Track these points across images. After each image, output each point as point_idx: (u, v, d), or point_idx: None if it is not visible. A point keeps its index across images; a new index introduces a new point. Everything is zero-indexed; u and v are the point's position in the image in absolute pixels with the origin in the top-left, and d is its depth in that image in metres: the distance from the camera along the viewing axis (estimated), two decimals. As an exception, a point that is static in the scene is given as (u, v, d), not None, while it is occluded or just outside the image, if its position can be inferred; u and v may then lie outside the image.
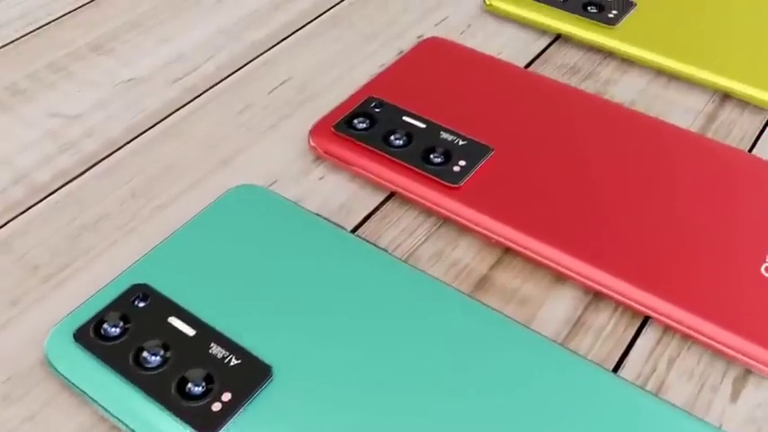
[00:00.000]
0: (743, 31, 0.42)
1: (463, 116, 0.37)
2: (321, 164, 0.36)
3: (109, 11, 0.45)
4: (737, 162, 0.35)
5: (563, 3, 0.44)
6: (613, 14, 0.43)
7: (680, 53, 0.41)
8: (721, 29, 0.42)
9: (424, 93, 0.38)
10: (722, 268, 0.30)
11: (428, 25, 0.45)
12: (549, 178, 0.34)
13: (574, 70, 0.41)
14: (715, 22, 0.42)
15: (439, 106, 0.37)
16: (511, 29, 0.44)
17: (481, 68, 0.40)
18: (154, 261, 0.30)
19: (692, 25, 0.42)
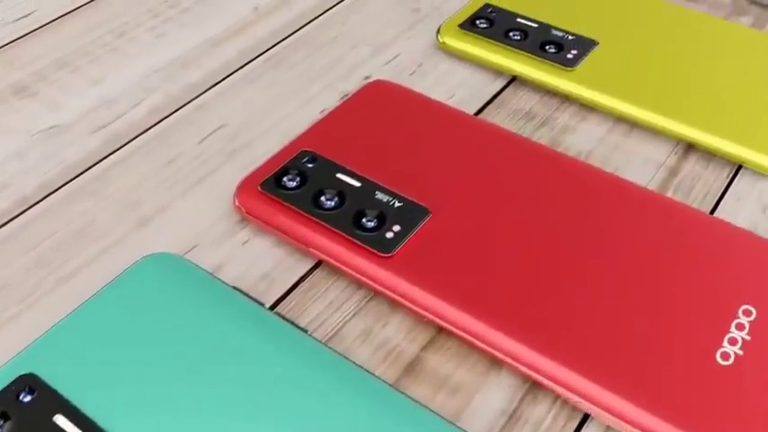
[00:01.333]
0: (710, 78, 0.39)
1: (403, 172, 0.34)
2: (246, 226, 0.33)
3: (37, 48, 0.42)
4: (698, 226, 0.32)
5: (520, 42, 0.41)
6: (572, 55, 0.40)
7: (642, 99, 0.38)
8: (688, 75, 0.39)
9: (364, 144, 0.35)
10: (675, 355, 0.27)
11: (377, 64, 0.42)
12: (491, 246, 0.31)
13: (529, 116, 0.39)
14: (681, 68, 0.39)
15: (378, 160, 0.34)
16: (465, 69, 0.41)
17: (428, 116, 0.37)
18: (45, 347, 0.27)
19: (657, 69, 0.39)
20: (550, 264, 0.30)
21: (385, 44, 0.43)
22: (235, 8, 0.45)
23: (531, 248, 0.31)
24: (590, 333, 0.28)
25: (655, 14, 0.43)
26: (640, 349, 0.27)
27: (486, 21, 0.42)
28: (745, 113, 0.37)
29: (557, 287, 0.29)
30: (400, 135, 0.36)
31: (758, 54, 0.40)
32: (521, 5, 0.43)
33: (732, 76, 0.39)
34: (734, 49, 0.41)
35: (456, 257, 0.30)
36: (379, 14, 0.45)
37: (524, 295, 0.29)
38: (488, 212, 0.32)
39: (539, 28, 0.42)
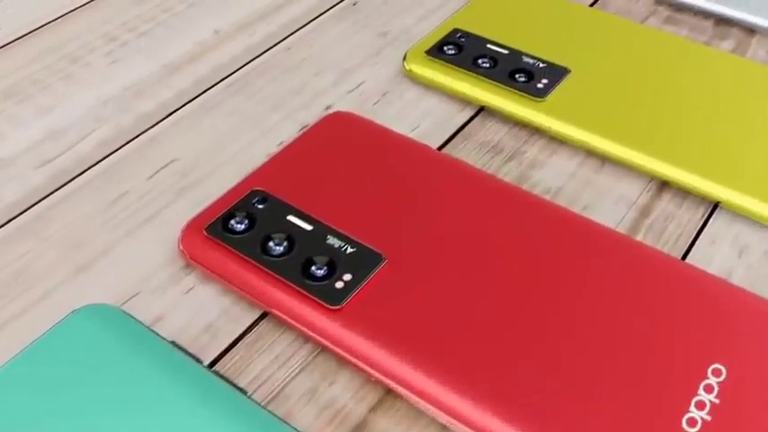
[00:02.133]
0: (687, 110, 0.37)
1: (359, 213, 0.32)
2: (192, 272, 0.31)
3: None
4: (668, 275, 0.30)
5: (488, 70, 0.39)
6: (543, 84, 0.38)
7: (615, 132, 0.36)
8: (664, 106, 0.37)
9: (319, 183, 0.33)
10: (638, 421, 0.26)
11: (341, 92, 0.40)
12: (450, 297, 0.29)
13: (497, 149, 0.37)
14: (657, 99, 0.38)
15: (333, 200, 0.32)
16: (432, 98, 0.40)
17: (388, 152, 0.35)
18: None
19: (632, 100, 0.37)
20: (513, 318, 0.28)
21: (350, 70, 0.41)
22: (195, 31, 0.44)
23: (493, 300, 0.29)
24: (552, 396, 0.26)
25: (632, 39, 0.41)
26: (602, 414, 0.26)
27: (454, 47, 0.40)
28: (723, 149, 0.35)
29: (518, 344, 0.28)
30: (358, 172, 0.34)
31: (740, 84, 0.38)
32: (491, 30, 0.41)
33: (711, 108, 0.37)
34: (714, 78, 0.39)
35: (410, 309, 0.29)
36: (346, 38, 0.43)
37: (484, 353, 0.27)
38: (447, 259, 0.30)
39: (509, 55, 0.40)
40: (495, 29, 0.42)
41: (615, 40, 0.41)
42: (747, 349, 0.27)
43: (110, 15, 0.45)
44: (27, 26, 0.44)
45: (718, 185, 0.34)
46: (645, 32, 0.42)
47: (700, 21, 0.45)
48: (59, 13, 0.45)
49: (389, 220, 0.32)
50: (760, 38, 0.43)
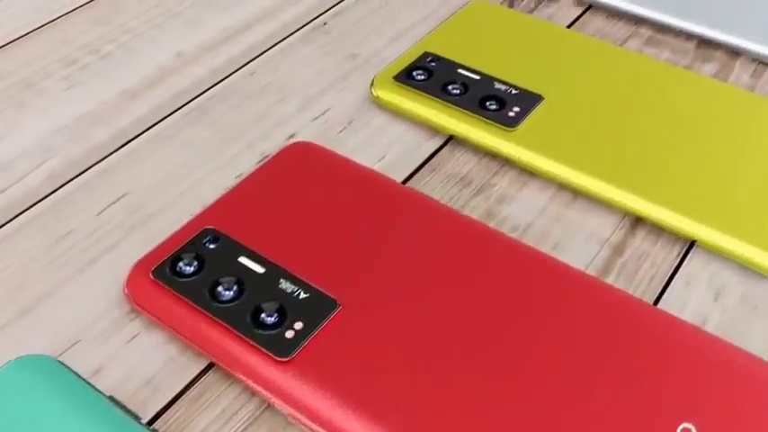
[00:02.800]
0: (664, 144, 0.35)
1: (316, 254, 0.30)
2: (137, 317, 0.30)
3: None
4: (639, 322, 0.28)
5: (458, 97, 0.37)
6: (514, 113, 0.36)
7: (588, 165, 0.34)
8: (640, 137, 0.36)
9: (275, 220, 0.32)
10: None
11: (305, 120, 0.38)
12: (407, 344, 0.27)
13: (465, 182, 0.35)
14: (634, 129, 0.36)
15: (289, 239, 0.31)
16: (400, 125, 0.38)
17: (350, 186, 0.33)
18: None
19: (607, 130, 0.36)
20: (476, 368, 0.27)
21: (315, 96, 0.40)
22: (157, 54, 0.42)
23: (455, 348, 0.27)
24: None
25: (610, 63, 0.40)
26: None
27: (423, 72, 0.39)
28: (702, 184, 0.33)
29: (481, 396, 0.26)
30: (317, 208, 0.32)
31: (721, 112, 0.37)
32: (463, 53, 0.40)
33: (690, 139, 0.35)
34: (695, 106, 0.37)
35: (365, 360, 0.27)
36: (314, 61, 0.42)
37: (444, 406, 0.26)
38: (407, 304, 0.29)
39: (480, 80, 0.38)
40: (467, 52, 0.40)
41: (592, 64, 0.40)
42: (720, 407, 0.26)
43: (73, 35, 0.43)
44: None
45: (696, 223, 0.32)
46: (623, 56, 0.40)
47: (681, 42, 0.43)
48: (18, 34, 0.43)
49: (347, 261, 0.30)
50: (743, 61, 0.42)
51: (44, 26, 0.44)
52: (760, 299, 0.30)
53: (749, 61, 0.42)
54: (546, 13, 0.45)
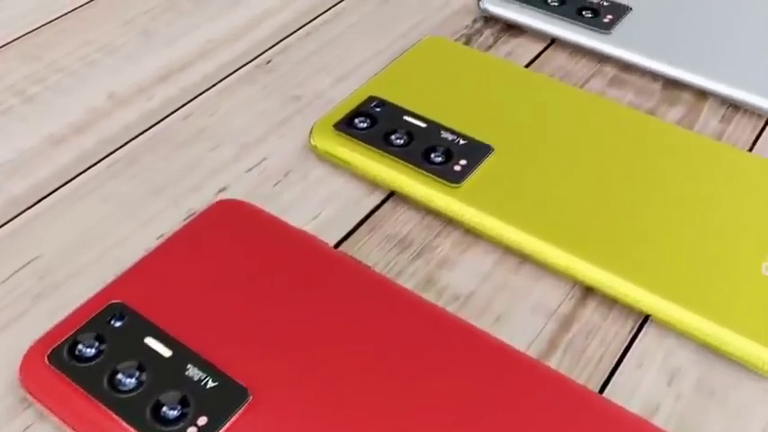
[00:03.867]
0: (622, 204, 0.33)
1: (231, 334, 0.28)
2: (30, 406, 0.27)
3: None
4: (584, 415, 0.26)
5: (402, 148, 0.35)
6: (461, 166, 0.34)
7: (537, 226, 0.32)
8: (596, 197, 0.33)
9: (190, 292, 0.29)
10: None
11: (239, 171, 0.36)
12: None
13: (405, 243, 0.32)
14: (589, 188, 0.33)
15: (204, 316, 0.28)
16: (339, 178, 0.35)
17: (279, 251, 0.31)
18: None
19: (560, 188, 0.33)
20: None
21: (252, 143, 0.37)
22: (88, 95, 0.39)
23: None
24: None
25: (568, 109, 0.37)
26: None
27: (366, 118, 0.36)
28: (660, 251, 0.31)
29: None
30: (238, 278, 0.30)
31: (687, 169, 0.34)
32: (411, 98, 0.37)
33: (651, 199, 0.33)
34: (657, 161, 0.34)
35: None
36: (254, 103, 0.39)
37: None
38: (328, 392, 0.26)
39: (427, 129, 0.35)
40: (416, 95, 0.37)
41: (548, 109, 0.37)
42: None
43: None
44: None
45: (651, 294, 0.29)
46: (583, 100, 0.37)
47: (647, 83, 0.40)
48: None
49: (266, 342, 0.28)
50: (712, 103, 0.39)
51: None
52: (717, 383, 0.28)
53: (718, 104, 0.39)
54: (505, 48, 0.43)
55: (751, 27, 0.41)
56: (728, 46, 0.40)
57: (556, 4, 0.43)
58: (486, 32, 0.44)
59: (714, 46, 0.40)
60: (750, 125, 0.38)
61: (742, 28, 0.41)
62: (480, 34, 0.44)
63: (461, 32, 0.44)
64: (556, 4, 0.43)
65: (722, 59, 0.39)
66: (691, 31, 0.41)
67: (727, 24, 0.41)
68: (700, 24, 0.41)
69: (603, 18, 0.42)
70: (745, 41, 0.40)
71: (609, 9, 0.43)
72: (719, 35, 0.41)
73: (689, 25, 0.41)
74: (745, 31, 0.41)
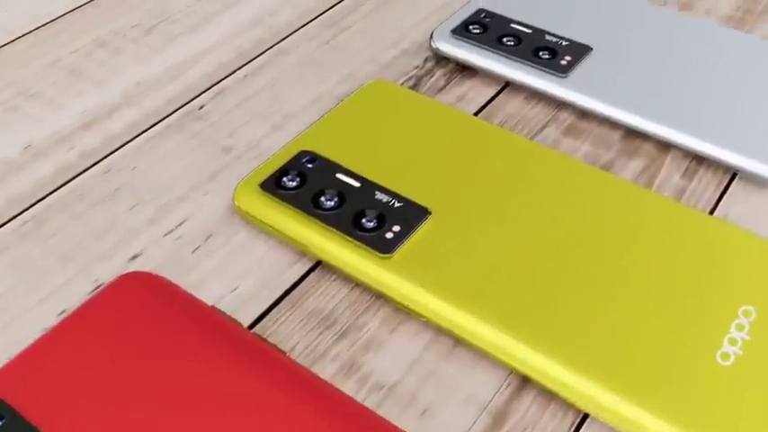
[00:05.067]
0: (565, 282, 0.30)
1: None
2: None
3: None
4: None
5: (331, 211, 0.32)
6: (393, 234, 0.31)
7: (473, 303, 0.29)
8: (539, 273, 0.30)
9: (88, 384, 0.26)
10: None
11: (156, 234, 0.33)
12: None
13: (329, 321, 0.30)
14: (533, 262, 0.30)
15: (95, 412, 0.25)
16: (264, 243, 0.33)
17: (186, 334, 0.28)
18: None
19: (500, 261, 0.30)
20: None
21: (175, 201, 0.34)
22: (2, 146, 0.36)
23: None
24: None
25: (517, 164, 0.34)
26: None
27: (297, 176, 0.33)
28: (603, 339, 0.28)
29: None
30: (141, 365, 0.27)
31: (642, 237, 0.31)
32: (347, 152, 0.34)
33: (600, 276, 0.30)
34: (610, 228, 0.32)
35: None
36: (181, 155, 0.36)
37: None
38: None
39: (361, 188, 0.33)
40: (352, 149, 0.34)
41: (495, 165, 0.34)
42: None
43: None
44: None
45: (594, 386, 0.27)
46: (533, 154, 0.35)
47: (606, 131, 0.37)
48: None
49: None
50: (675, 155, 0.36)
51: None
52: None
53: (681, 157, 0.36)
54: (457, 91, 0.40)
55: (718, 76, 0.38)
56: (694, 95, 0.37)
57: (511, 44, 0.40)
58: (437, 73, 0.41)
59: (679, 94, 0.37)
60: (715, 181, 0.35)
61: (709, 77, 0.38)
62: (431, 75, 0.41)
63: (411, 73, 0.41)
64: (511, 43, 0.40)
65: (687, 109, 0.37)
66: (655, 76, 0.38)
67: (695, 72, 0.39)
68: (665, 70, 0.39)
69: (561, 60, 0.39)
70: (711, 91, 0.38)
71: (567, 50, 0.40)
72: (686, 82, 0.38)
73: (653, 70, 0.39)
74: (713, 80, 0.38)
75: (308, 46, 0.43)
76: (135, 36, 0.43)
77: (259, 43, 0.43)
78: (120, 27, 0.43)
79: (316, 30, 0.44)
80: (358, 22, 0.44)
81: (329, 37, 0.43)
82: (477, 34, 0.41)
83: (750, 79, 0.38)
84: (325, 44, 0.43)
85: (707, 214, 0.32)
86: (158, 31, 0.43)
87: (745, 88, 0.38)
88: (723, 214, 0.34)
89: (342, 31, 0.44)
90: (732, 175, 0.35)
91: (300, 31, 0.44)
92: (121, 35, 0.43)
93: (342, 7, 0.45)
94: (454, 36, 0.41)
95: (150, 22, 0.44)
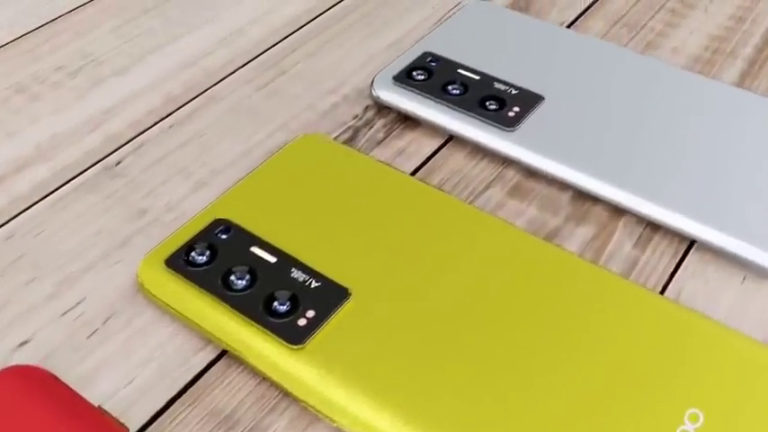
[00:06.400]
0: (488, 379, 0.27)
1: None
2: None
3: None
4: None
5: (241, 293, 0.29)
6: (306, 320, 0.28)
7: (388, 403, 0.26)
8: (460, 372, 0.27)
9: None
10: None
11: (52, 314, 0.30)
12: None
13: (230, 421, 0.27)
14: (456, 358, 0.28)
15: None
16: (167, 327, 0.30)
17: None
18: None
19: (419, 353, 0.27)
20: None
21: (77, 275, 0.31)
22: None
23: None
24: None
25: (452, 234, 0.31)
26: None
27: (207, 249, 0.30)
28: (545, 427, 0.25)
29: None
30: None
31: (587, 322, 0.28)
32: (265, 222, 0.32)
33: (540, 371, 0.27)
34: (552, 312, 0.29)
35: None
36: (91, 219, 0.33)
37: None
38: None
39: (276, 264, 0.30)
40: (271, 216, 0.32)
41: (427, 235, 0.31)
42: None
43: None
44: None
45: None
46: (471, 221, 0.32)
47: (555, 192, 0.34)
48: None
49: None
50: (628, 221, 0.33)
51: None
52: None
53: (635, 223, 0.33)
54: (397, 145, 0.37)
55: (680, 132, 0.35)
56: (653, 154, 0.34)
57: (457, 92, 0.37)
58: (377, 123, 0.38)
59: (636, 152, 0.34)
60: (670, 251, 0.32)
61: (670, 133, 0.35)
62: (371, 126, 0.38)
63: (350, 123, 0.38)
64: (457, 92, 0.37)
65: (643, 169, 0.34)
66: (611, 130, 0.35)
67: (656, 127, 0.36)
68: (623, 123, 0.36)
69: (509, 111, 0.36)
70: (671, 150, 0.35)
71: (517, 99, 0.37)
72: (644, 139, 0.35)
73: (610, 123, 0.36)
74: (673, 136, 0.35)
75: (243, 91, 0.40)
76: (57, 80, 0.40)
77: (190, 88, 0.40)
78: (42, 69, 0.41)
79: (253, 72, 0.41)
80: (299, 64, 0.41)
81: (267, 80, 0.40)
82: (421, 81, 0.38)
83: (717, 136, 0.35)
84: (262, 89, 0.40)
85: (657, 294, 0.29)
86: (84, 74, 0.40)
87: (710, 147, 0.35)
88: (677, 290, 0.31)
89: (281, 74, 0.41)
90: (689, 244, 0.32)
91: (237, 73, 0.41)
92: (42, 79, 0.40)
93: (282, 47, 0.42)
94: (396, 83, 0.38)
95: (77, 63, 0.41)
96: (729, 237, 0.31)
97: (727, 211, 0.32)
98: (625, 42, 0.42)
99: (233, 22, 0.44)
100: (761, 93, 0.39)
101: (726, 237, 0.31)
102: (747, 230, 0.31)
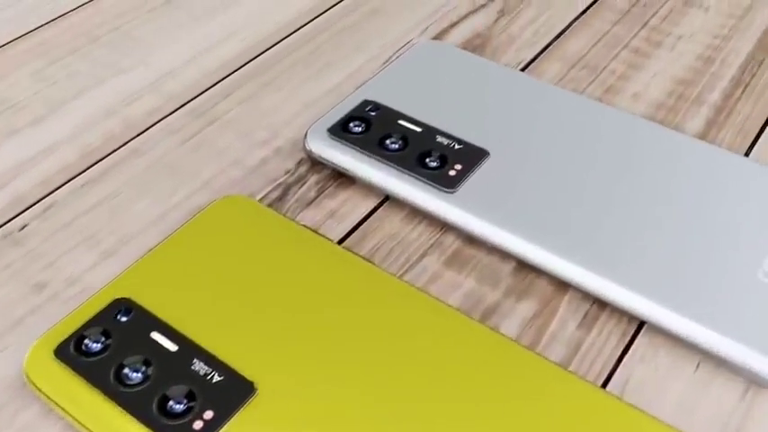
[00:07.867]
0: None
1: None
2: None
3: None
4: None
5: (135, 386, 0.26)
6: (203, 422, 0.25)
7: None
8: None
9: None
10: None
11: (-72, 409, 0.27)
12: None
13: None
14: None
15: None
16: (57, 424, 0.27)
17: None
18: None
19: None
20: None
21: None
22: None
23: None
24: None
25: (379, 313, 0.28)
26: None
27: (103, 337, 0.27)
28: None
29: None
30: None
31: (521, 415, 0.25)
32: (170, 304, 0.28)
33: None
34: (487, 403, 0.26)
35: None
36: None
37: None
38: None
39: (177, 354, 0.27)
40: (176, 298, 0.29)
41: (350, 317, 0.28)
42: None
43: None
44: None
45: None
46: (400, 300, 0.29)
47: (496, 262, 0.32)
48: None
49: None
50: (573, 296, 0.30)
51: None
52: None
53: (580, 299, 0.30)
54: (329, 205, 0.34)
55: (632, 202, 0.33)
56: (603, 221, 0.31)
57: (396, 147, 0.34)
58: (310, 180, 0.35)
59: (585, 219, 0.31)
60: (618, 332, 0.29)
61: (622, 201, 0.33)
62: (302, 184, 0.35)
63: (280, 180, 0.35)
64: (396, 146, 0.34)
65: (591, 239, 0.31)
66: (560, 192, 0.32)
67: (607, 190, 0.33)
68: (573, 183, 0.33)
69: (450, 169, 0.33)
70: (622, 219, 0.32)
71: (460, 155, 0.34)
72: (595, 203, 0.32)
73: (559, 184, 0.33)
74: (626, 206, 0.32)
75: (167, 143, 0.37)
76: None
77: (111, 138, 0.37)
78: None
79: (180, 121, 0.38)
80: (231, 111, 0.38)
81: (195, 131, 0.37)
82: (358, 134, 0.35)
83: (679, 202, 0.32)
84: (188, 141, 0.37)
85: (599, 388, 0.26)
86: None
87: (669, 214, 0.32)
88: (624, 378, 0.28)
89: (210, 124, 0.38)
90: (639, 325, 0.29)
91: (163, 122, 0.38)
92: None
93: (215, 92, 0.39)
94: (331, 136, 0.35)
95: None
96: (684, 318, 0.28)
97: (683, 289, 0.29)
98: (584, 87, 0.40)
99: (165, 63, 0.41)
100: (726, 145, 0.36)
101: (680, 318, 0.28)
102: (704, 312, 0.28)
